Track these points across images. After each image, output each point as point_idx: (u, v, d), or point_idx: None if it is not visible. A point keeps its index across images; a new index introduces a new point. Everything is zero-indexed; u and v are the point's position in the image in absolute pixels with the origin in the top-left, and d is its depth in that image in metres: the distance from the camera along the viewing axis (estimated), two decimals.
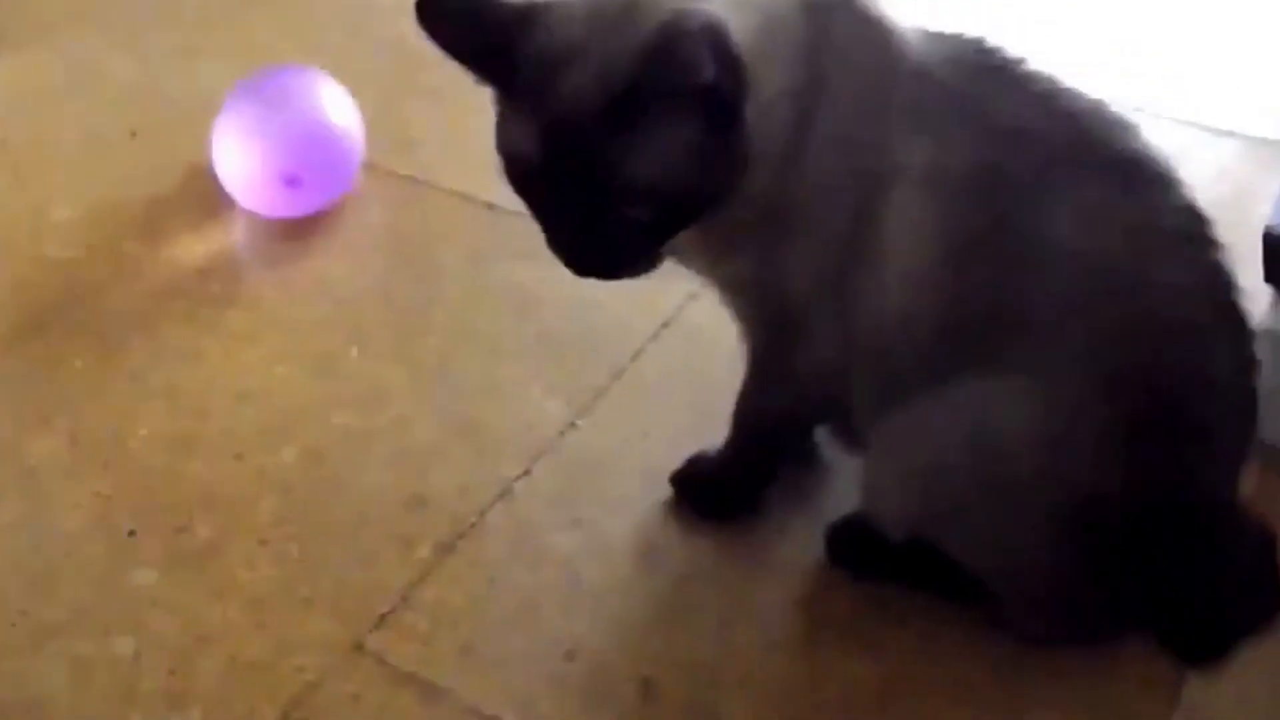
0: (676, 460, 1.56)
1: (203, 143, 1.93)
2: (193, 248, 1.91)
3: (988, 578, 1.35)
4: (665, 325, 1.77)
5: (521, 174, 1.21)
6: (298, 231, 1.92)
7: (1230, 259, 1.29)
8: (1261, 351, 1.55)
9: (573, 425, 1.64)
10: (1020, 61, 1.32)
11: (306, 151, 1.90)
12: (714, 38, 1.12)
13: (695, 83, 1.13)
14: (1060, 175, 1.26)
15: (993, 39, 1.34)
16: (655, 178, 1.17)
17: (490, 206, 1.94)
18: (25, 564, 1.48)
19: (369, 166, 2.00)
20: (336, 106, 1.93)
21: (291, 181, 1.88)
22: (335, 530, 1.52)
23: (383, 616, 1.43)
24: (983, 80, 1.30)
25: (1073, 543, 1.29)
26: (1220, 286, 1.29)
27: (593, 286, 1.79)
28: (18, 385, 1.70)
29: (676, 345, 1.74)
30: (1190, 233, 1.28)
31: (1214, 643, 1.37)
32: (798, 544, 1.49)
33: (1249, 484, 1.39)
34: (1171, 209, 1.28)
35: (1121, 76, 2.12)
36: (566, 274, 1.24)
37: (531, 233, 1.25)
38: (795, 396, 1.44)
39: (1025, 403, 1.25)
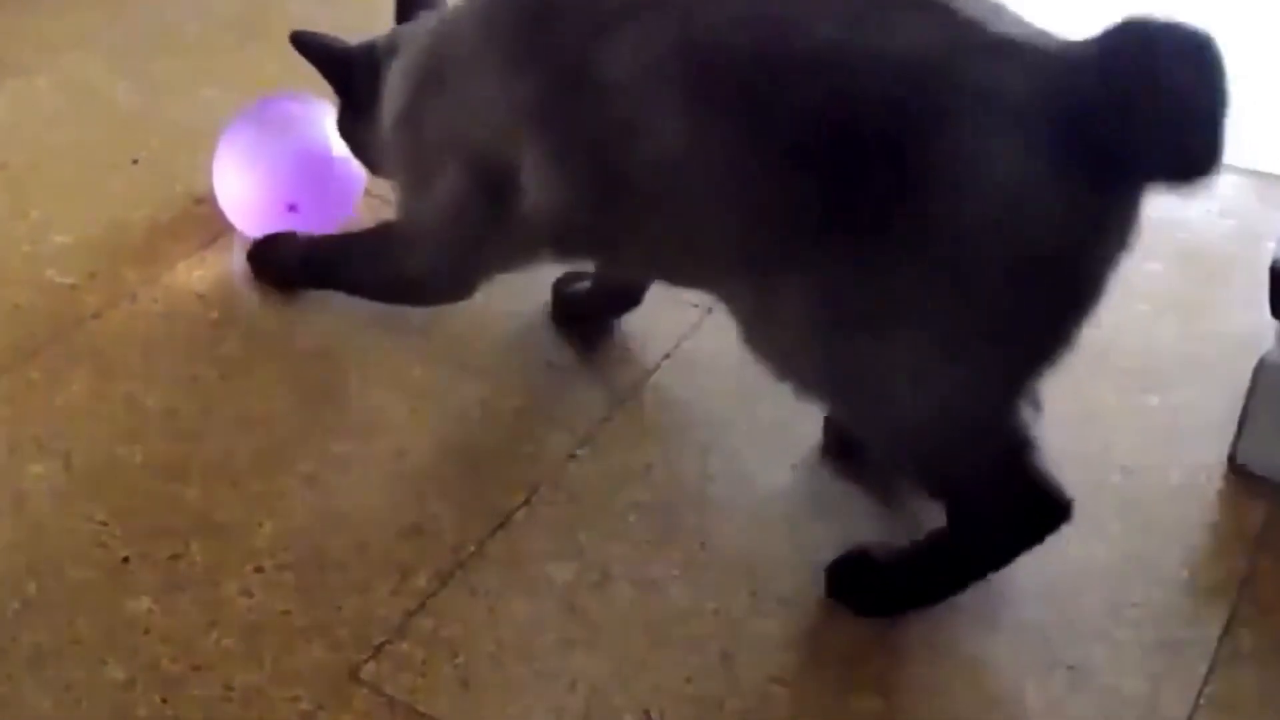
0: (678, 491, 1.56)
1: (204, 170, 1.93)
2: (192, 274, 1.90)
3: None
4: (667, 356, 1.76)
5: None
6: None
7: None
8: (1269, 386, 1.55)
9: (573, 456, 1.63)
10: None
11: (308, 178, 1.89)
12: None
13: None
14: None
15: None
16: None
17: None
18: (18, 589, 1.46)
19: (368, 195, 2.00)
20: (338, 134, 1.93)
21: (292, 208, 1.87)
22: (332, 558, 1.50)
23: (379, 646, 1.41)
24: None
25: None
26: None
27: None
28: (13, 408, 1.69)
29: (678, 376, 1.74)
30: None
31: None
32: (798, 577, 1.48)
33: (1228, 510, 1.38)
34: None
35: None
36: None
37: None
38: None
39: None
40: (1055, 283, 1.29)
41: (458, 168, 1.57)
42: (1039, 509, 1.38)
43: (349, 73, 1.76)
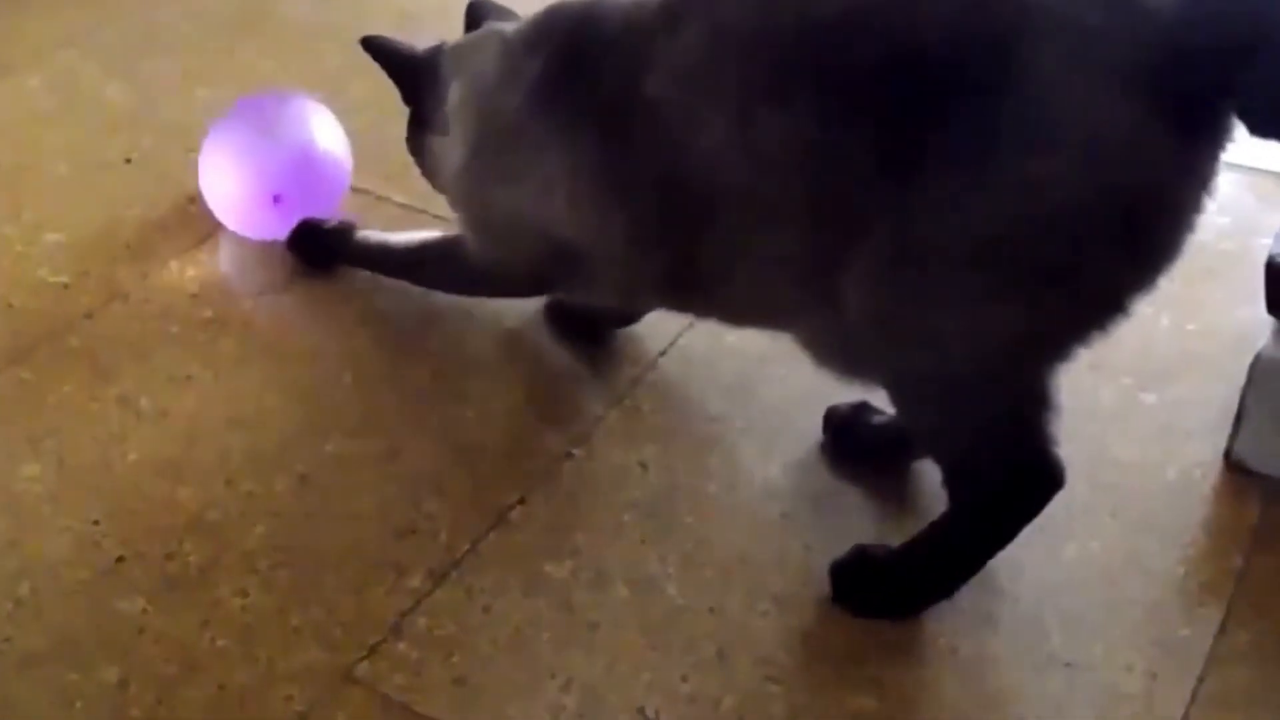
0: (673, 489, 1.55)
1: (196, 169, 1.92)
2: (185, 273, 1.89)
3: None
4: (662, 354, 1.76)
5: None
6: (290, 258, 1.91)
7: None
8: (1265, 382, 1.55)
9: (569, 454, 1.62)
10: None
11: (291, 172, 1.90)
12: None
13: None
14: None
15: None
16: None
17: None
18: (11, 590, 1.46)
19: (362, 193, 2.00)
20: (323, 130, 1.94)
21: (277, 199, 1.88)
22: (326, 558, 1.50)
23: (374, 646, 1.41)
24: None
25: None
26: None
27: None
28: (6, 409, 1.68)
29: (673, 375, 1.73)
30: None
31: None
32: (795, 575, 1.48)
33: (1224, 506, 1.38)
34: None
35: None
36: None
37: None
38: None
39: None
40: (1123, 234, 1.22)
41: (529, 239, 1.57)
42: (1040, 476, 1.36)
43: (411, 80, 1.73)
